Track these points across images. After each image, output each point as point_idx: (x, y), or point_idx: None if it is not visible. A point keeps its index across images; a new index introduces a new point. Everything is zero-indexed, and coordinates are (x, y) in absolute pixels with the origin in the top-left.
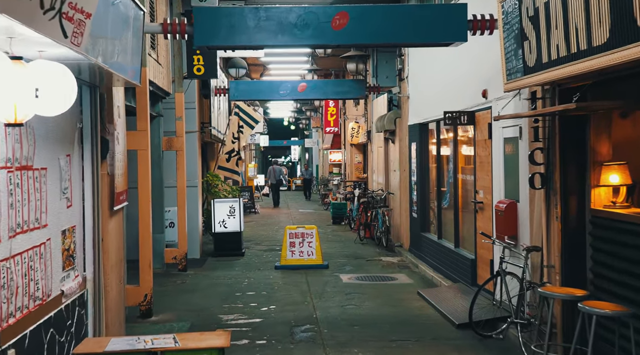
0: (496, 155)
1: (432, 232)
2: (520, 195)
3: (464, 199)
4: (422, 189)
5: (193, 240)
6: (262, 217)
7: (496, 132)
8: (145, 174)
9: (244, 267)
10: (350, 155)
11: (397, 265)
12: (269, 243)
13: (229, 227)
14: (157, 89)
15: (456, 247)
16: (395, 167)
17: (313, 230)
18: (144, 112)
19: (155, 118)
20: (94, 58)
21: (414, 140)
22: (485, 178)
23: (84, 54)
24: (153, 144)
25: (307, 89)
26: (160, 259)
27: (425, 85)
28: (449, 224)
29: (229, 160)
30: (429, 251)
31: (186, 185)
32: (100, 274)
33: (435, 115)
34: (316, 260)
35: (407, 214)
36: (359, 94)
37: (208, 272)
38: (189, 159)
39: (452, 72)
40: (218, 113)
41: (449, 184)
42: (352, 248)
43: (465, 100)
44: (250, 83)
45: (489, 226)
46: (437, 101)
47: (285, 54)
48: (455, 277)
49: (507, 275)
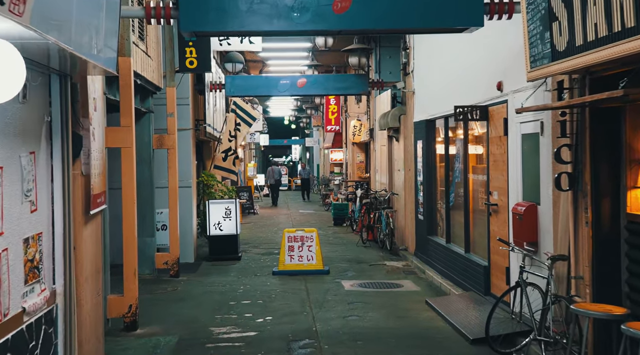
0: (513, 153)
1: (439, 235)
2: (542, 197)
3: (475, 200)
4: (429, 190)
5: (186, 244)
6: (261, 218)
7: (513, 127)
8: (129, 174)
9: (240, 272)
10: (351, 155)
11: (403, 270)
12: (267, 246)
13: (225, 230)
14: (147, 83)
15: (467, 252)
16: (400, 167)
17: (313, 234)
18: (128, 106)
19: (145, 114)
20: (51, 37)
21: (419, 138)
22: (500, 178)
23: (33, 29)
24: (143, 142)
25: (307, 85)
26: (151, 264)
27: (432, 80)
28: (458, 227)
29: (226, 159)
30: (437, 256)
31: (179, 185)
32: (73, 287)
33: (443, 111)
34: (316, 266)
35: (412, 215)
36: (362, 90)
37: (202, 278)
38: (182, 157)
39: (463, 64)
40: (214, 110)
41: (459, 184)
42: (354, 251)
43: (477, 94)
44: (247, 78)
45: (504, 231)
46: (445, 96)
47: (284, 49)
48: (465, 285)
49: (527, 286)
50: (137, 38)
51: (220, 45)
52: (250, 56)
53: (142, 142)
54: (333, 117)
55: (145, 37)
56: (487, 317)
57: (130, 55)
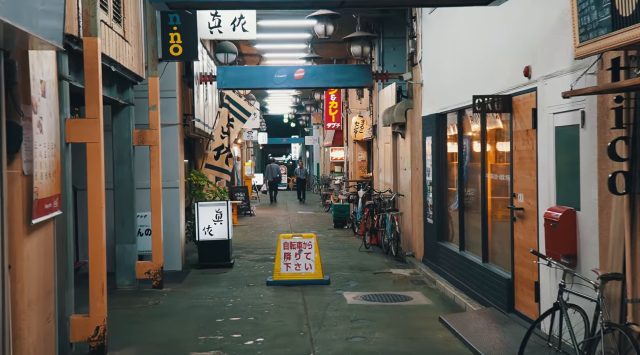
0: (543, 149)
1: (452, 241)
2: (583, 201)
3: (495, 203)
4: (439, 191)
5: (173, 250)
6: (258, 219)
7: (544, 119)
8: (96, 174)
9: (231, 282)
10: (353, 153)
11: (410, 279)
12: (262, 251)
13: (215, 235)
14: (125, 72)
15: (484, 261)
16: (406, 165)
17: (311, 239)
18: (94, 94)
19: (124, 107)
20: None
21: (429, 134)
22: (527, 179)
23: None
24: (122, 138)
25: (306, 76)
26: (131, 274)
27: (443, 69)
28: (474, 233)
29: (218, 158)
30: (449, 264)
31: (165, 186)
32: (7, 315)
33: (456, 104)
34: (315, 275)
35: (420, 219)
36: (364, 82)
37: (188, 289)
38: (168, 156)
39: (480, 49)
40: (205, 104)
41: (474, 185)
42: (356, 257)
43: (498, 82)
44: (240, 69)
45: (532, 240)
46: (458, 87)
47: (281, 41)
48: (484, 299)
49: (568, 309)
50: (111, 19)
51: (211, 33)
52: (247, 49)
53: (121, 138)
54: (333, 113)
55: (122, 19)
56: (519, 345)
57: (98, 35)
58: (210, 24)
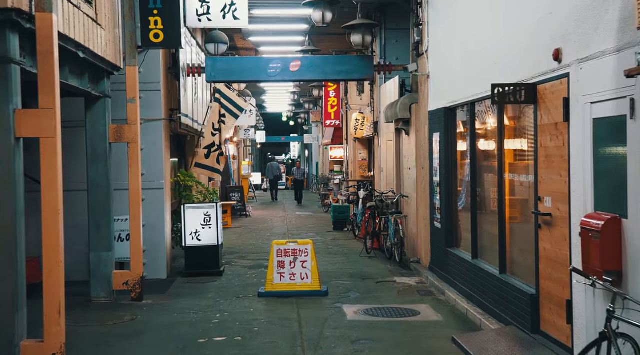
0: (578, 145)
1: (462, 248)
2: (631, 207)
3: (514, 207)
4: (448, 192)
5: (157, 257)
6: (254, 221)
7: (578, 110)
8: (51, 173)
9: (219, 293)
10: (353, 152)
11: (417, 289)
12: (256, 256)
13: (204, 240)
14: (97, 59)
15: (502, 273)
16: (411, 165)
17: (308, 246)
18: (49, 81)
19: (99, 100)
20: None
21: (436, 130)
22: (557, 180)
23: None
24: (97, 134)
25: (302, 68)
26: (107, 285)
27: (452, 59)
28: (489, 240)
29: (209, 157)
30: (459, 273)
31: (148, 187)
32: None
33: (468, 96)
34: (312, 285)
35: (426, 222)
36: (366, 74)
37: (171, 302)
38: (152, 154)
39: (497, 33)
40: (194, 99)
41: (490, 186)
42: (357, 264)
43: (520, 69)
44: (231, 60)
45: (563, 250)
46: (471, 77)
47: (277, 33)
48: (502, 316)
49: (618, 339)
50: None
51: (199, 21)
52: (242, 43)
53: (95, 134)
54: (333, 110)
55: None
56: None
57: (53, 11)
58: (199, 10)
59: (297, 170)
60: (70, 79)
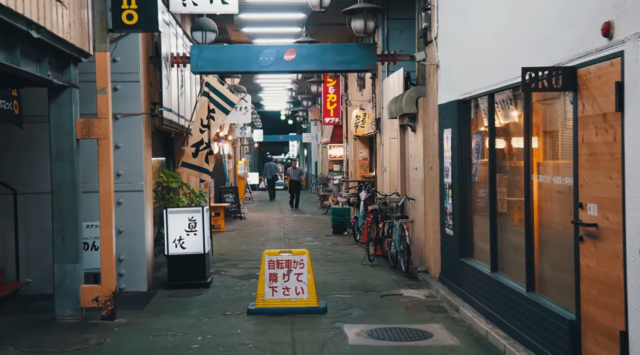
0: (636, 140)
1: (479, 259)
2: None
3: (545, 214)
4: (462, 196)
5: (136, 267)
6: (249, 223)
7: (636, 97)
8: None
9: (203, 309)
10: (353, 150)
11: (427, 305)
12: (248, 264)
13: (188, 248)
14: (59, 43)
15: (529, 290)
16: (417, 164)
17: (304, 257)
18: None
19: (64, 90)
20: None
21: (447, 126)
22: (605, 183)
23: None
24: (61, 130)
25: (298, 58)
26: (74, 302)
27: (467, 44)
28: (513, 251)
29: (197, 155)
30: (476, 288)
31: (125, 189)
32: None
33: (486, 86)
34: (308, 302)
35: (436, 228)
36: (368, 64)
37: (147, 320)
38: (131, 152)
39: (523, 9)
40: (180, 92)
41: (514, 189)
42: (359, 273)
43: (555, 51)
44: (219, 49)
45: (614, 269)
46: (490, 63)
47: (272, 23)
48: (531, 342)
49: None
50: None
51: (184, 5)
52: (236, 36)
53: (60, 130)
54: (332, 107)
55: None
56: None
57: None
58: None
59: (292, 170)
60: (23, 63)
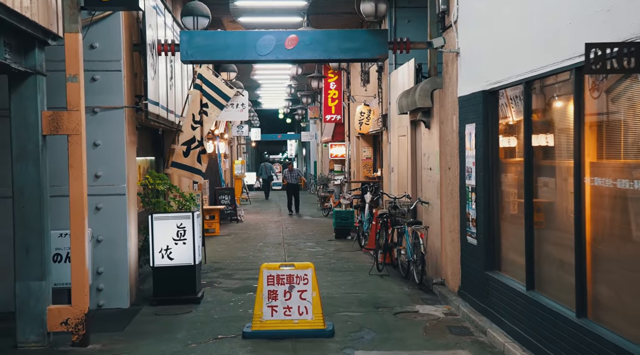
0: None
1: (509, 273)
2: None
3: (602, 225)
4: (489, 200)
5: (117, 280)
6: (245, 227)
7: None
8: None
9: (192, 330)
10: (356, 149)
11: (448, 325)
12: (244, 274)
13: (176, 259)
14: (18, 20)
15: (581, 316)
16: (432, 164)
17: (308, 271)
18: None
19: (27, 78)
20: None
21: (470, 121)
22: None
23: None
24: (25, 124)
25: (300, 45)
26: (39, 325)
27: (496, 26)
28: (556, 267)
29: (188, 154)
30: (506, 306)
31: (104, 192)
32: None
33: (522, 72)
34: (313, 323)
35: (454, 236)
36: (379, 52)
37: (126, 347)
38: (111, 151)
39: None
40: (170, 84)
41: (558, 194)
42: (367, 285)
43: (621, 25)
44: (212, 35)
45: None
46: (528, 45)
47: (271, 12)
48: None
49: None
50: None
51: None
52: (232, 27)
53: (22, 124)
54: (333, 104)
55: None
56: None
57: None
58: None
59: (289, 173)
60: None
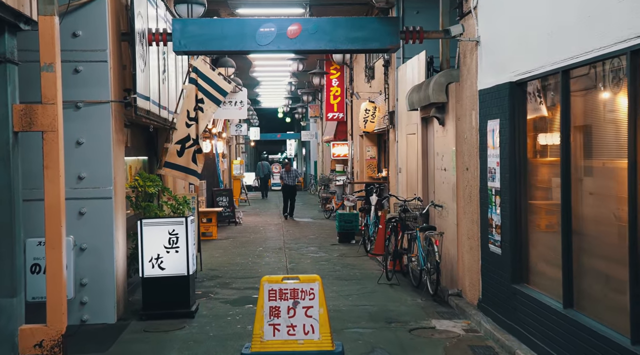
0: None
1: (541, 288)
2: None
3: None
4: (516, 204)
5: (102, 293)
6: (244, 230)
7: None
8: None
9: (184, 352)
10: (359, 149)
11: (470, 344)
12: (243, 283)
13: (168, 269)
14: None
15: (636, 344)
16: (447, 164)
17: (314, 285)
18: None
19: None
20: None
21: (493, 116)
22: None
23: None
24: None
25: (304, 34)
26: (9, 348)
27: (525, 10)
28: (601, 285)
29: (182, 154)
30: (538, 325)
31: (88, 195)
32: None
33: (559, 60)
34: (320, 344)
35: (473, 243)
36: (390, 42)
37: None
38: (96, 150)
39: None
40: (162, 78)
41: (602, 198)
42: (377, 295)
43: None
44: (207, 23)
45: None
46: (566, 29)
47: (272, 3)
48: None
49: None
50: None
51: None
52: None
53: None
54: (335, 101)
55: None
56: None
57: None
58: None
59: (286, 174)
60: None
